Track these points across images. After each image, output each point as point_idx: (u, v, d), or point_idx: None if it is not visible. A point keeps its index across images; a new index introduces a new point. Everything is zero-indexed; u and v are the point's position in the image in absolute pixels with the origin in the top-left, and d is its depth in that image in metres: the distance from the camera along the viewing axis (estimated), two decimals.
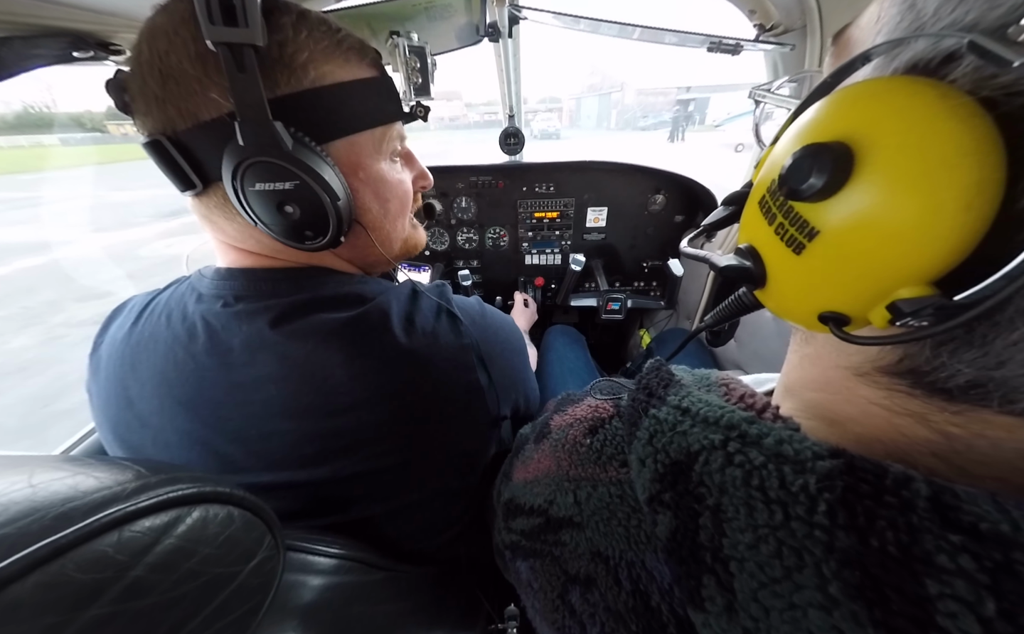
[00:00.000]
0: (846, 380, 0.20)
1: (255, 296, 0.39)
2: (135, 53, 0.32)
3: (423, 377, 0.40)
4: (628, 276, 1.39)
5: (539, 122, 35.20)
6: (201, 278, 0.42)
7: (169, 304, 0.41)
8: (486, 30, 0.78)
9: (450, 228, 1.33)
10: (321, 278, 0.42)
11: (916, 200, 0.15)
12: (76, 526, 0.18)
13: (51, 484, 0.19)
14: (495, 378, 0.46)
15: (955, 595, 0.13)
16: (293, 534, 0.32)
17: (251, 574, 0.24)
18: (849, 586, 0.15)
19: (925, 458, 0.17)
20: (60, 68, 0.51)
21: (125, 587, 0.19)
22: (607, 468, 0.27)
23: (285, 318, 0.38)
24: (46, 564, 0.17)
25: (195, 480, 0.23)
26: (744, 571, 0.17)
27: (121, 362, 0.41)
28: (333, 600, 0.33)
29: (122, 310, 0.45)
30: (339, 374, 0.37)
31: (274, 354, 0.37)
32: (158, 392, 0.39)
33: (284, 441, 0.38)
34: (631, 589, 0.23)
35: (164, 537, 0.20)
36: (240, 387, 0.38)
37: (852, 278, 0.17)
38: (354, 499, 0.39)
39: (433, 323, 0.42)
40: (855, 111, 0.16)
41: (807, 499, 0.16)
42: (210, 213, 0.38)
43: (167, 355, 0.39)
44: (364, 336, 0.38)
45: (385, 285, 0.44)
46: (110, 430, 0.42)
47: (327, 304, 0.39)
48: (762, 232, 0.20)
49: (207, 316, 0.39)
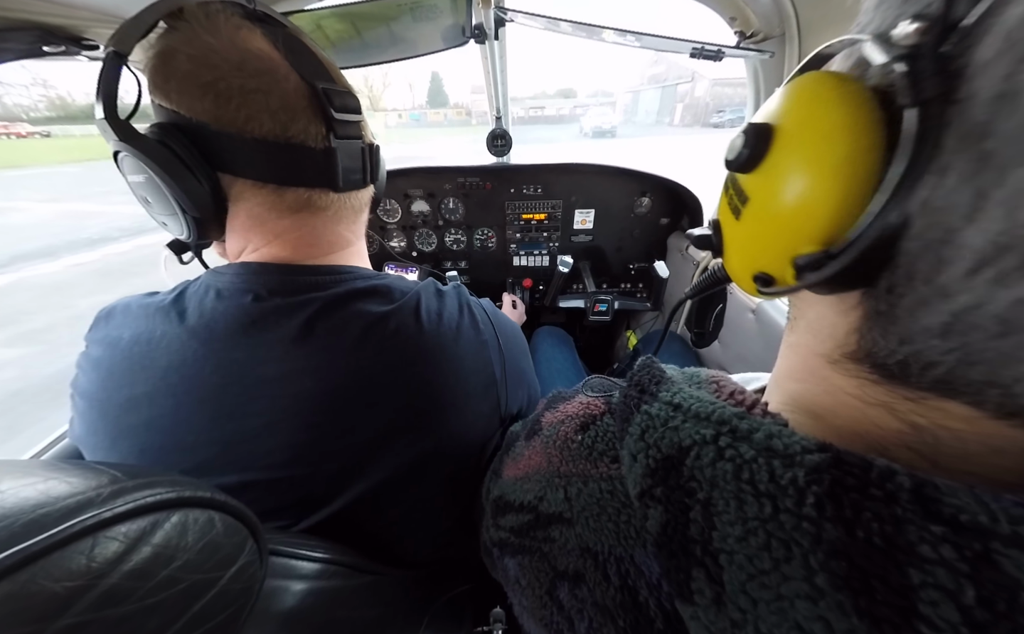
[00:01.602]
0: (822, 369, 0.21)
1: (292, 290, 0.39)
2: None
3: (450, 369, 0.42)
4: (615, 278, 1.40)
5: (591, 118, 29.66)
6: (219, 276, 0.41)
7: (180, 303, 0.40)
8: (472, 32, 0.78)
9: (438, 229, 1.33)
10: (352, 272, 0.43)
11: (806, 168, 0.18)
12: (47, 533, 0.17)
13: (21, 490, 0.18)
14: (508, 374, 0.49)
15: (936, 584, 0.13)
16: (276, 538, 0.32)
17: (232, 580, 0.23)
18: (835, 577, 0.15)
19: (900, 451, 0.18)
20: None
21: (99, 595, 0.18)
22: (598, 464, 0.27)
23: (327, 311, 0.39)
24: (15, 573, 0.16)
25: (174, 484, 0.22)
26: (733, 563, 0.17)
27: (126, 360, 0.39)
28: (316, 605, 0.33)
29: (115, 310, 0.42)
30: (376, 366, 0.39)
31: (314, 347, 0.38)
32: (174, 391, 0.37)
33: (316, 434, 0.38)
34: (619, 584, 0.23)
35: (141, 544, 0.20)
36: (272, 381, 0.37)
37: (770, 239, 0.20)
38: (360, 491, 0.40)
39: (457, 319, 0.45)
40: (782, 99, 0.20)
41: (796, 492, 0.16)
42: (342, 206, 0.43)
43: (183, 352, 0.38)
44: (400, 330, 0.40)
45: (411, 281, 0.46)
46: (107, 431, 0.39)
47: (364, 296, 0.41)
48: (721, 204, 0.24)
49: (233, 311, 0.38)
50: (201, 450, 0.37)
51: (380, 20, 0.69)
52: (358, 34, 0.71)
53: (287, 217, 0.41)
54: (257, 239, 0.41)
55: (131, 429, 0.38)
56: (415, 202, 1.27)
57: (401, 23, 0.71)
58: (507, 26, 0.90)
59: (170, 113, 0.37)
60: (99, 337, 0.41)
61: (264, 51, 0.37)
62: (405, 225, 1.31)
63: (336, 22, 0.68)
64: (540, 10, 0.86)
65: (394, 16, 0.69)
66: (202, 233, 0.40)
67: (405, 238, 1.35)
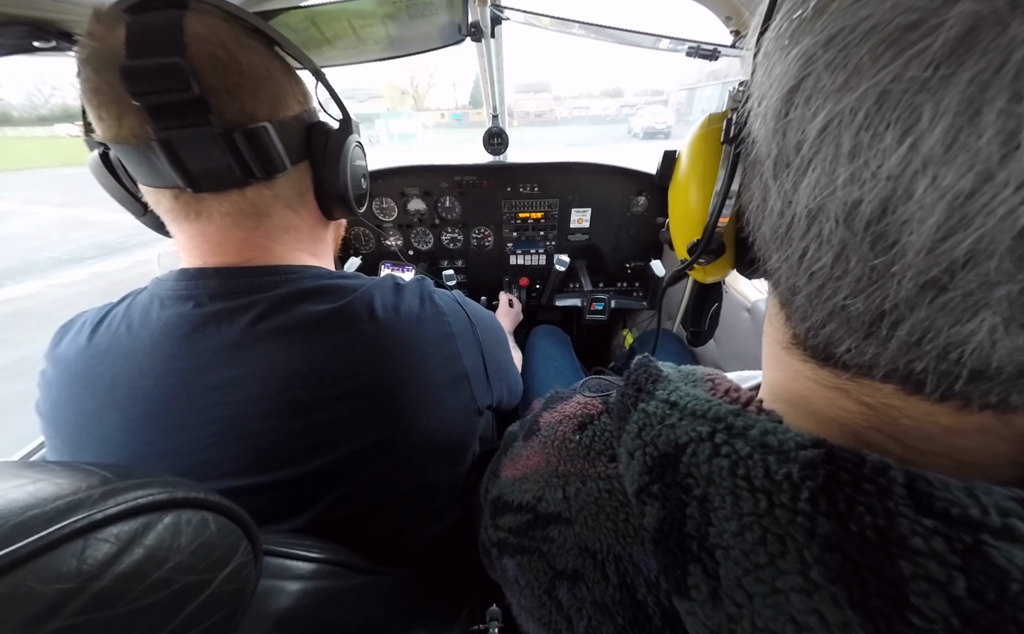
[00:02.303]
0: (782, 356, 0.22)
1: (233, 294, 0.38)
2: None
3: (410, 364, 0.41)
4: (611, 277, 1.40)
5: (643, 118, 26.03)
6: (161, 283, 0.40)
7: (129, 314, 0.39)
8: (468, 30, 0.78)
9: (434, 228, 1.32)
10: (300, 271, 0.41)
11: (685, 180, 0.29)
12: (37, 535, 0.17)
13: (9, 492, 0.18)
14: (477, 366, 0.47)
15: (928, 576, 0.14)
16: (271, 539, 0.32)
17: (226, 581, 0.23)
18: (829, 570, 0.15)
19: (872, 435, 0.18)
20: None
21: (90, 597, 0.18)
22: (596, 463, 0.27)
23: (269, 313, 0.37)
24: (4, 576, 0.16)
25: (167, 485, 0.22)
26: (729, 558, 0.18)
27: (75, 378, 0.38)
28: (311, 605, 0.33)
29: (71, 326, 0.42)
30: (326, 365, 0.37)
31: (256, 351, 0.37)
32: (120, 404, 0.37)
33: (268, 440, 0.37)
34: (618, 583, 0.23)
35: (133, 545, 0.20)
36: (216, 388, 0.36)
37: (679, 230, 0.31)
38: (340, 494, 0.39)
39: (418, 313, 0.43)
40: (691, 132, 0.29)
41: (790, 487, 0.17)
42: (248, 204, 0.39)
43: (129, 364, 0.37)
44: (350, 326, 0.39)
45: (365, 278, 0.45)
46: (66, 450, 0.39)
47: (310, 296, 0.39)
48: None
49: (175, 320, 0.37)
50: (153, 464, 0.36)
51: (376, 18, 0.69)
52: (354, 31, 0.70)
53: (185, 222, 0.38)
54: (180, 243, 0.40)
55: (83, 446, 0.37)
56: (411, 200, 1.26)
57: (397, 21, 0.71)
58: (504, 24, 0.89)
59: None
60: (53, 356, 0.40)
61: None
62: (401, 224, 1.31)
63: (331, 19, 0.68)
64: (537, 8, 0.86)
65: (390, 14, 0.69)
66: (163, 232, 0.43)
67: (401, 237, 1.34)
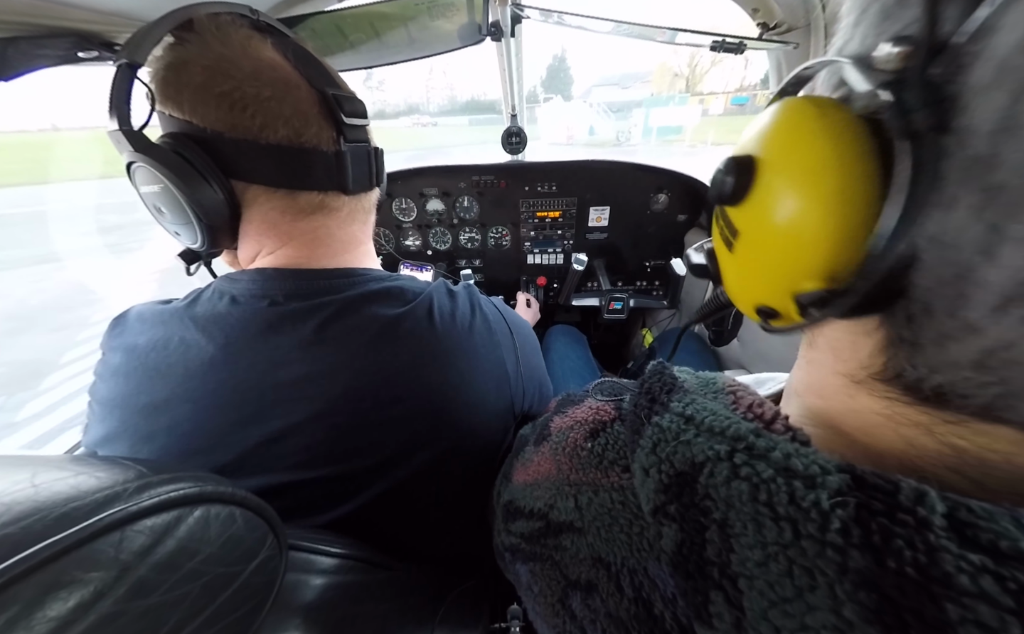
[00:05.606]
0: (846, 388, 0.20)
1: (308, 294, 0.40)
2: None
3: (462, 370, 0.43)
4: (630, 275, 1.39)
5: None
6: (233, 282, 0.41)
7: (193, 309, 0.41)
8: (488, 29, 0.78)
9: (452, 228, 1.33)
10: (366, 274, 0.44)
11: (795, 203, 0.17)
12: (78, 526, 0.18)
13: (54, 484, 0.19)
14: (519, 371, 0.49)
15: (978, 620, 0.12)
16: (295, 533, 0.32)
17: (253, 574, 0.24)
18: (866, 609, 0.14)
19: (939, 471, 0.17)
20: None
21: (128, 587, 0.19)
22: (609, 473, 0.27)
23: (342, 313, 0.40)
24: (49, 564, 0.17)
25: (197, 480, 0.23)
26: (754, 589, 0.17)
27: (146, 367, 0.40)
28: (335, 599, 0.33)
29: (128, 316, 0.43)
30: (390, 367, 0.40)
31: (326, 351, 0.39)
32: (192, 395, 0.38)
33: (336, 435, 0.39)
34: (633, 596, 0.22)
35: (166, 537, 0.20)
36: (288, 384, 0.38)
37: (766, 273, 0.19)
38: (380, 490, 0.40)
39: (469, 319, 0.45)
40: (764, 128, 0.18)
41: (819, 516, 0.15)
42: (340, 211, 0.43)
43: (199, 357, 0.38)
44: (414, 331, 0.41)
45: (423, 282, 0.47)
46: (125, 436, 0.40)
47: (376, 299, 0.42)
48: (715, 233, 0.23)
49: (250, 316, 0.39)
50: (220, 454, 0.38)
51: (397, 20, 0.70)
52: (376, 34, 0.72)
53: (301, 220, 0.41)
54: (271, 243, 0.42)
55: (151, 435, 0.39)
56: (430, 201, 1.28)
57: (418, 22, 0.71)
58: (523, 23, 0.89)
59: (182, 123, 0.37)
60: (116, 343, 0.42)
61: (275, 60, 0.38)
62: (420, 224, 1.32)
63: (354, 23, 0.69)
64: (556, 6, 0.85)
65: (411, 15, 0.69)
66: (215, 241, 0.41)
67: (420, 237, 1.35)
